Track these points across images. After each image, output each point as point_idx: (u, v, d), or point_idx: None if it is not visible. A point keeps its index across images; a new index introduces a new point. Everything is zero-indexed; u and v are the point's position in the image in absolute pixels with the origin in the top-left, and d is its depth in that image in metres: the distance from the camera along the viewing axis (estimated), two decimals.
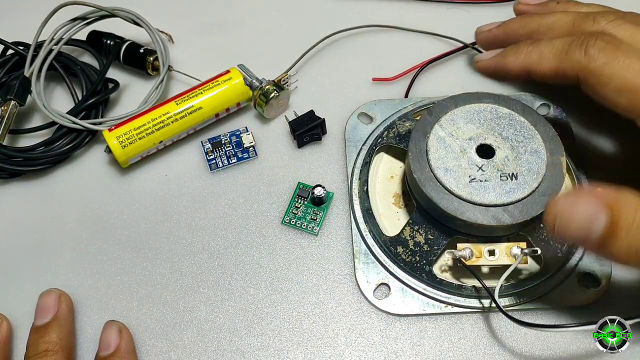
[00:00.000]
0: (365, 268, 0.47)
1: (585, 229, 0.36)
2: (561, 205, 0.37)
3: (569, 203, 0.37)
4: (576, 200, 0.37)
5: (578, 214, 0.36)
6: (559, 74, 0.44)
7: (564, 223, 0.37)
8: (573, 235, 0.37)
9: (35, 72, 0.55)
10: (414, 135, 0.45)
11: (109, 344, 0.43)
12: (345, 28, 0.59)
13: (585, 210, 0.36)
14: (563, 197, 0.38)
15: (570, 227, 0.36)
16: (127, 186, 0.52)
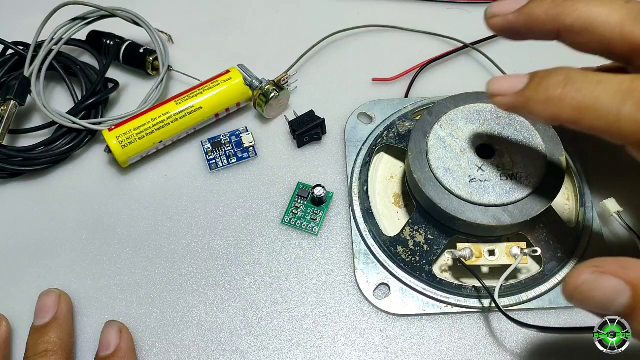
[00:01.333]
0: (365, 268, 0.47)
1: (605, 307, 0.33)
2: (583, 281, 0.33)
3: (592, 280, 0.33)
4: (600, 278, 0.33)
5: (600, 292, 0.33)
6: (605, 136, 0.33)
7: (584, 299, 0.33)
8: (592, 309, 0.34)
9: (35, 72, 0.55)
10: (413, 135, 0.45)
11: (109, 344, 0.43)
12: (345, 28, 0.59)
13: (608, 288, 0.32)
14: (587, 271, 0.33)
15: (590, 304, 0.33)
16: (127, 186, 0.52)
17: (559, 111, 0.33)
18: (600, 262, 0.33)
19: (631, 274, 0.32)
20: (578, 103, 0.32)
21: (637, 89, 0.31)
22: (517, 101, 0.36)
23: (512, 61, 0.58)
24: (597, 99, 0.32)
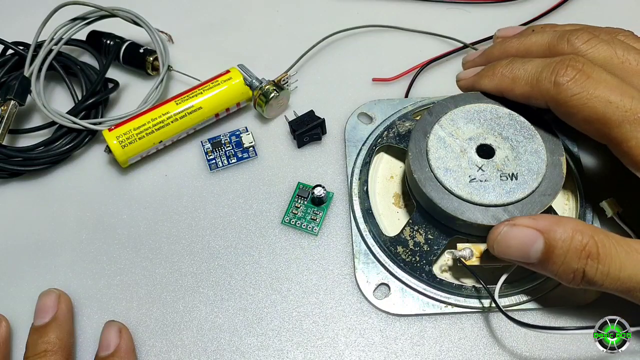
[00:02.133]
0: (365, 268, 0.47)
1: (523, 253, 0.39)
2: (498, 232, 0.40)
3: (506, 230, 0.40)
4: (513, 228, 0.40)
5: (515, 240, 0.39)
6: (531, 99, 0.43)
7: (503, 248, 0.40)
8: (512, 257, 0.40)
9: (35, 72, 0.55)
10: (414, 135, 0.45)
11: (109, 344, 0.43)
12: (345, 28, 0.59)
13: (521, 236, 0.39)
14: (502, 224, 0.40)
15: (508, 251, 0.40)
16: (127, 186, 0.52)
17: (500, 82, 0.45)
18: (513, 218, 0.41)
19: (540, 223, 0.39)
20: (513, 75, 0.44)
21: (551, 62, 0.42)
22: (473, 79, 0.48)
23: None
24: (525, 71, 0.43)
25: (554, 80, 0.41)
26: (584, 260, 0.37)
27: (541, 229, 0.38)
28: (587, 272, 0.38)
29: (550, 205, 0.42)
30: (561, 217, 0.42)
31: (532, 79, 0.43)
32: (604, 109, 0.39)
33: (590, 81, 0.40)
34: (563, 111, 0.41)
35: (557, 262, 0.38)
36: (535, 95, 0.43)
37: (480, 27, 0.59)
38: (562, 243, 0.38)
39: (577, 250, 0.38)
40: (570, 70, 0.41)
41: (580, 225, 0.38)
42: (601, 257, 0.37)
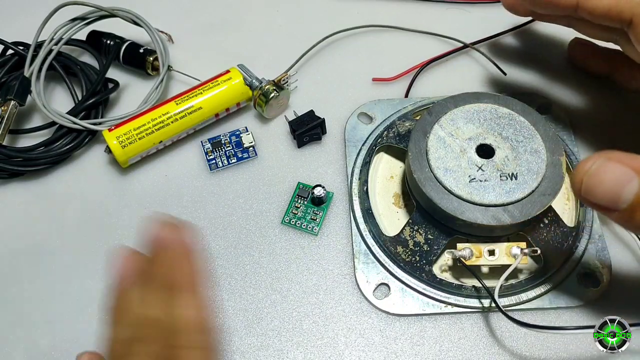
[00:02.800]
0: (365, 268, 0.47)
1: (615, 195, 0.34)
2: (590, 166, 0.35)
3: (599, 165, 0.34)
4: (607, 163, 0.34)
5: (608, 178, 0.34)
6: (612, 13, 0.40)
7: (592, 186, 0.34)
8: (601, 200, 0.35)
9: (35, 72, 0.55)
10: (413, 135, 0.45)
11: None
12: (345, 28, 0.59)
13: (616, 174, 0.34)
14: (593, 158, 0.35)
15: (599, 191, 0.34)
16: (127, 186, 0.52)
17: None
18: (607, 151, 0.35)
19: (636, 162, 0.34)
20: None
21: None
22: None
23: (511, 61, 0.58)
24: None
25: None
26: None
27: (638, 168, 0.34)
28: None
29: (550, 205, 0.42)
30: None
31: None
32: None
33: None
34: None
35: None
36: (623, 5, 0.39)
37: (480, 27, 0.59)
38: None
39: None
40: None
41: None
42: None
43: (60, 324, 0.46)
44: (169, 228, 0.37)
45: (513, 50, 0.59)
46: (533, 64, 0.57)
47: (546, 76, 0.57)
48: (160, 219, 0.37)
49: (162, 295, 0.34)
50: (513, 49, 0.59)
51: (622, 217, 0.35)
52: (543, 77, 0.57)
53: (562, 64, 0.57)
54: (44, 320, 0.46)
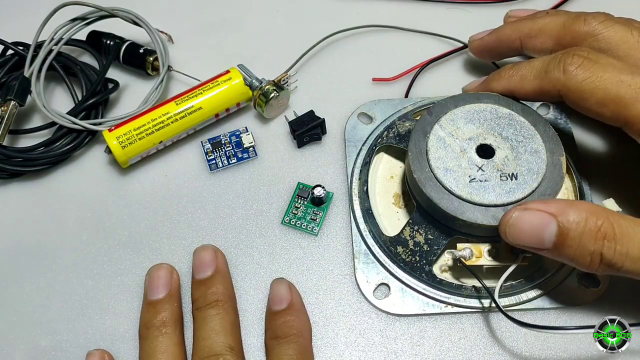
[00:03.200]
0: (365, 268, 0.47)
1: (537, 238, 0.39)
2: (510, 217, 0.39)
3: (517, 216, 0.39)
4: (524, 214, 0.39)
5: (528, 224, 0.39)
6: (542, 93, 0.44)
7: (515, 233, 0.39)
8: (526, 243, 0.39)
9: (35, 72, 0.55)
10: (413, 135, 0.45)
11: (282, 299, 0.44)
12: (345, 28, 0.59)
13: (534, 220, 0.39)
14: (513, 209, 0.40)
15: (521, 237, 0.39)
16: (127, 186, 0.52)
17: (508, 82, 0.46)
18: (524, 202, 0.41)
19: (552, 206, 0.38)
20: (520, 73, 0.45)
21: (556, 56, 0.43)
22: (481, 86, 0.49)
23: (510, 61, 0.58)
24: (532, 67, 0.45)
25: (563, 69, 0.42)
26: (600, 241, 0.37)
27: (553, 212, 0.38)
28: (605, 254, 0.37)
29: None
30: (573, 201, 0.43)
31: (540, 72, 0.44)
32: (616, 89, 0.40)
33: (598, 65, 0.41)
34: (576, 97, 0.42)
35: (572, 246, 0.37)
36: (546, 86, 0.43)
37: (480, 27, 0.58)
38: (576, 225, 0.37)
39: (592, 232, 0.37)
40: (576, 58, 0.42)
41: (593, 207, 0.38)
42: (618, 238, 0.37)
43: (60, 324, 0.46)
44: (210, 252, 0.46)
45: None
46: None
47: None
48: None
49: None
50: None
51: (552, 254, 0.39)
52: None
53: None
54: (44, 320, 0.46)
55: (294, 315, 0.43)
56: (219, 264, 0.46)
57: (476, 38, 0.54)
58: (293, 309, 0.44)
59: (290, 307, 0.44)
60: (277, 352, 0.42)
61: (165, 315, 0.43)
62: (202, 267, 0.45)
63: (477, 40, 0.54)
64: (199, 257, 0.46)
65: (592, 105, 0.41)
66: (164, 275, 0.46)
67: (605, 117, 0.42)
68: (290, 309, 0.43)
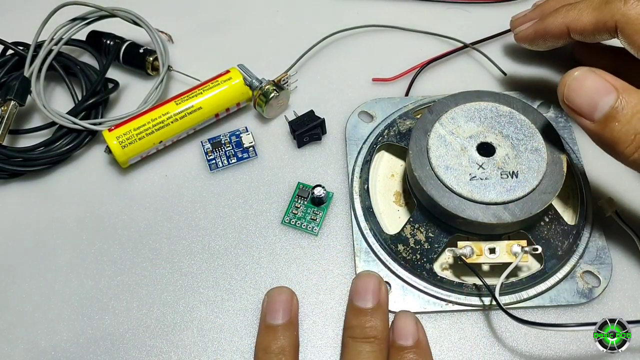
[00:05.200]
0: (366, 266, 0.47)
1: (592, 102, 0.38)
2: (575, 75, 0.39)
3: (583, 72, 0.39)
4: (590, 73, 0.38)
5: (588, 85, 0.38)
6: (599, 26, 0.43)
7: (574, 91, 0.39)
8: (579, 105, 0.39)
9: (35, 72, 0.55)
10: (414, 134, 0.45)
11: (408, 335, 0.42)
12: (345, 28, 0.59)
13: (596, 84, 0.38)
14: (578, 69, 0.39)
15: (579, 96, 0.38)
16: (127, 186, 0.52)
17: (565, 17, 0.46)
18: (590, 68, 0.39)
19: (617, 81, 0.38)
20: (579, 7, 0.45)
21: None
22: (535, 25, 0.49)
23: (511, 61, 0.58)
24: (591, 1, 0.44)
25: (624, 0, 0.41)
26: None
27: (618, 86, 0.38)
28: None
29: (550, 203, 0.42)
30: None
31: (600, 3, 0.43)
32: None
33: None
34: (632, 30, 0.41)
35: (621, 122, 0.37)
36: (604, 17, 0.43)
37: (480, 27, 0.59)
38: (633, 106, 0.37)
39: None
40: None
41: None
42: None
43: (60, 324, 0.46)
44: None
45: (513, 50, 0.59)
46: (533, 64, 0.57)
47: (546, 76, 0.57)
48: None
49: None
50: (513, 49, 0.59)
51: (595, 129, 0.39)
52: (543, 77, 0.57)
53: (562, 63, 0.57)
54: (44, 320, 0.46)
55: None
56: (382, 298, 0.43)
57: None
58: (420, 347, 0.41)
59: (417, 344, 0.41)
60: None
61: (284, 343, 0.42)
62: (363, 294, 0.43)
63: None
64: (361, 284, 0.44)
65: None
66: (285, 300, 0.44)
67: (598, 26, 0.43)
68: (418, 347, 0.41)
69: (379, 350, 0.41)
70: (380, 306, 0.43)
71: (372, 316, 0.42)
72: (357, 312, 0.43)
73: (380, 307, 0.43)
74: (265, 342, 0.42)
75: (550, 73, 0.57)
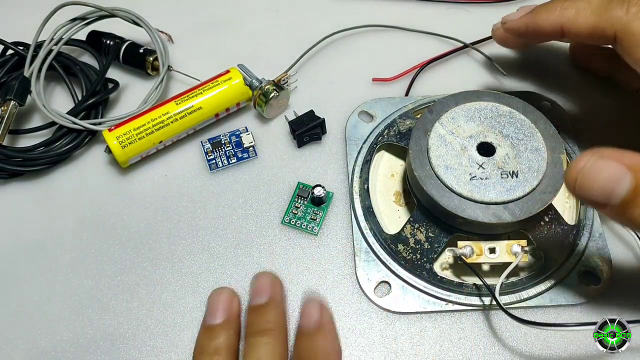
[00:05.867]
0: (366, 266, 0.47)
1: (608, 190, 0.34)
2: (584, 164, 0.35)
3: (593, 162, 0.35)
4: (600, 161, 0.35)
5: (602, 176, 0.35)
6: (596, 32, 0.41)
7: (587, 183, 0.35)
8: (595, 196, 0.35)
9: (35, 72, 0.55)
10: (414, 133, 0.45)
11: (309, 316, 0.43)
12: (345, 28, 0.59)
13: (609, 172, 0.34)
14: (587, 155, 0.35)
15: (593, 187, 0.35)
16: (127, 186, 0.52)
17: (560, 15, 0.43)
18: (599, 149, 0.35)
19: (628, 159, 0.34)
20: (577, 6, 0.42)
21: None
22: (527, 17, 0.46)
23: (511, 61, 0.58)
24: (590, 2, 0.41)
25: (627, 9, 0.39)
26: None
27: (630, 165, 0.34)
28: None
29: (550, 203, 0.42)
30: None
31: (600, 7, 0.41)
32: None
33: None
34: (632, 42, 0.39)
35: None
36: (603, 24, 0.40)
37: (480, 27, 0.59)
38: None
39: None
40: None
41: None
42: None
43: (60, 324, 0.46)
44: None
45: (513, 50, 0.59)
46: (533, 64, 0.57)
47: (546, 75, 0.57)
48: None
49: None
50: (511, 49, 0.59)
51: (615, 212, 0.35)
52: (543, 77, 0.57)
53: (562, 63, 0.57)
54: (44, 320, 0.46)
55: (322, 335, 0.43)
56: (275, 293, 0.44)
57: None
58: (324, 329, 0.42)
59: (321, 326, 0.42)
60: None
61: (220, 342, 0.42)
62: (258, 292, 0.44)
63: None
64: (257, 283, 0.45)
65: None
66: (224, 300, 0.44)
67: (596, 32, 0.41)
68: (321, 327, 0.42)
69: (275, 341, 0.42)
70: (273, 300, 0.44)
71: (266, 310, 0.43)
72: (252, 310, 0.44)
73: (273, 301, 0.44)
74: (202, 342, 0.42)
75: (550, 72, 0.57)
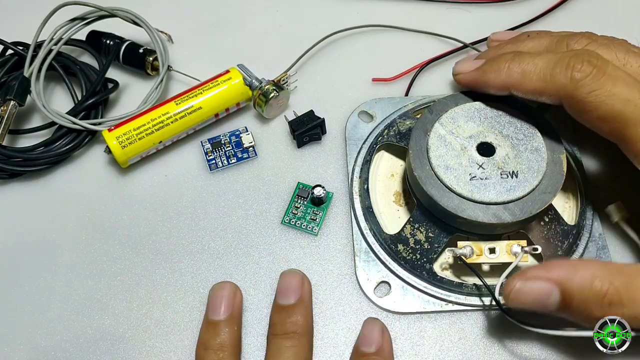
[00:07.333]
0: (365, 266, 0.47)
1: (541, 306, 0.38)
2: (510, 289, 0.38)
3: (519, 288, 0.38)
4: (525, 284, 0.38)
5: (529, 296, 0.38)
6: (543, 96, 0.42)
7: (521, 300, 0.38)
8: (532, 308, 0.38)
9: (35, 72, 0.55)
10: (414, 134, 0.45)
11: (372, 342, 0.42)
12: (345, 28, 0.59)
13: (535, 290, 0.38)
14: (514, 279, 0.38)
15: (527, 303, 0.38)
16: (126, 186, 0.52)
17: (508, 77, 0.43)
18: (526, 269, 0.39)
19: (554, 273, 0.37)
20: (522, 69, 0.42)
21: (564, 56, 0.41)
22: (476, 74, 0.46)
23: None
24: (536, 65, 0.42)
25: (570, 76, 0.40)
26: (606, 307, 0.36)
27: (556, 279, 0.37)
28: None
29: (550, 203, 0.42)
30: (578, 262, 0.41)
31: (545, 73, 0.41)
32: (622, 107, 0.38)
33: (607, 78, 0.39)
34: (578, 108, 0.40)
35: (577, 311, 0.37)
36: (549, 91, 0.41)
37: (480, 27, 0.59)
38: (580, 293, 0.36)
39: (597, 299, 0.36)
40: (586, 65, 0.40)
41: (599, 270, 0.37)
42: (625, 302, 0.36)
43: (60, 324, 0.46)
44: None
45: None
46: None
47: None
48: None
49: None
50: None
51: (559, 315, 0.39)
52: None
53: None
54: (44, 320, 0.46)
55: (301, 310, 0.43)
56: (304, 293, 0.44)
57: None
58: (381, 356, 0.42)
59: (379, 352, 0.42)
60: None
61: (224, 339, 0.42)
62: (286, 292, 0.44)
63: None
64: (285, 282, 0.45)
65: (592, 119, 0.40)
66: (227, 295, 0.44)
67: (601, 132, 0.41)
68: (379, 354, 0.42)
69: (300, 344, 0.42)
70: (301, 301, 0.44)
71: (293, 312, 0.43)
72: (279, 309, 0.44)
73: (301, 302, 0.44)
74: (205, 337, 0.43)
75: None
